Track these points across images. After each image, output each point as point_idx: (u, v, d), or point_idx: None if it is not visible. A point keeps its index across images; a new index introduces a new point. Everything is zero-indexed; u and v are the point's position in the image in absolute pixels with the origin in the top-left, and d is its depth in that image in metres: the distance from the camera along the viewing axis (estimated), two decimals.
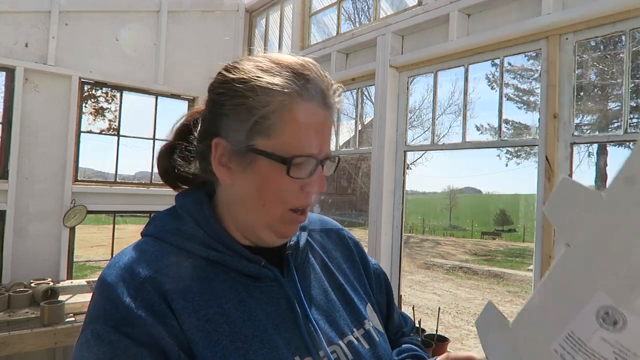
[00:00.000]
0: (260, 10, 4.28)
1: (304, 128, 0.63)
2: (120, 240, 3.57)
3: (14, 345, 2.26)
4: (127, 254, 0.64)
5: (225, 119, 0.64)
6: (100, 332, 0.56)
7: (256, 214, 0.66)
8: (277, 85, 0.62)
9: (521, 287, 11.56)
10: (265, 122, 0.62)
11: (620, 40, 14.75)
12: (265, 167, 0.63)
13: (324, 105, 0.65)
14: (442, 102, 20.32)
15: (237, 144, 0.64)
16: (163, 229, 0.68)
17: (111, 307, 0.57)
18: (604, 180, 21.86)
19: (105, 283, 0.60)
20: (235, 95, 0.63)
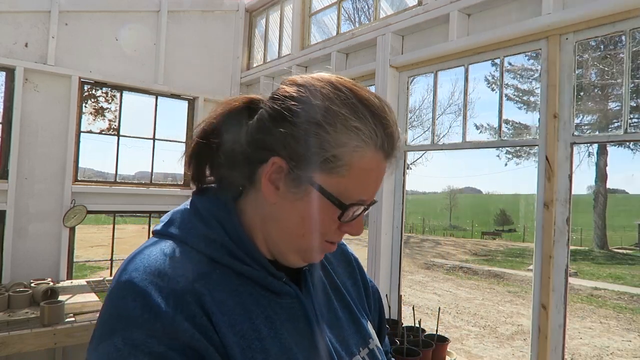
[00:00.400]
0: (260, 10, 4.28)
1: (368, 177, 0.62)
2: (120, 240, 3.57)
3: (14, 345, 2.26)
4: (152, 256, 0.60)
5: (292, 141, 0.60)
6: (137, 342, 0.52)
7: (291, 239, 0.65)
8: (360, 132, 0.60)
9: (521, 287, 11.55)
10: (335, 161, 0.60)
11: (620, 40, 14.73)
12: (318, 202, 0.62)
13: (389, 157, 0.64)
14: (442, 102, 20.34)
15: (297, 170, 0.61)
16: (189, 232, 0.64)
17: (149, 315, 0.53)
18: (604, 180, 21.87)
19: (137, 288, 0.56)
20: (312, 123, 0.59)
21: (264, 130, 0.63)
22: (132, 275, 0.57)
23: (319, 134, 0.59)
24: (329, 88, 0.62)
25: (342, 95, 0.61)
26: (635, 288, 11.63)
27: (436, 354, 2.23)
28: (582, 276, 13.41)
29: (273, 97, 0.65)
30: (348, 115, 0.60)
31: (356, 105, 0.61)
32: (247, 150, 0.64)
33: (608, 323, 8.35)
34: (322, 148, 0.59)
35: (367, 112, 0.61)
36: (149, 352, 0.52)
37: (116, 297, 0.57)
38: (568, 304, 1.92)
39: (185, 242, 0.63)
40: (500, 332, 7.49)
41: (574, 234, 21.97)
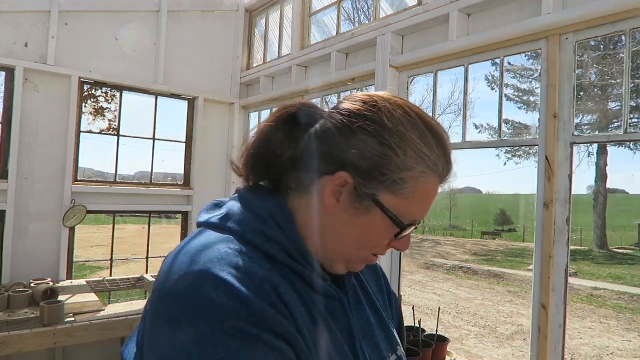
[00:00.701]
0: (260, 10, 4.28)
1: (426, 200, 0.67)
2: (120, 240, 3.57)
3: (14, 345, 2.26)
4: (222, 249, 0.61)
5: (361, 159, 0.63)
6: (226, 328, 0.53)
7: (344, 249, 0.68)
8: (427, 158, 0.64)
9: (521, 287, 11.55)
10: (401, 184, 0.63)
11: (620, 40, 14.72)
12: (379, 220, 0.65)
13: (443, 183, 0.69)
14: (442, 102, 20.36)
15: (362, 187, 0.63)
16: (247, 228, 0.65)
17: (235, 302, 0.54)
18: (604, 180, 21.87)
19: (216, 277, 0.56)
20: (384, 144, 0.62)
21: (331, 143, 0.64)
22: (207, 266, 0.57)
23: (389, 156, 0.62)
24: (400, 112, 0.64)
25: (413, 121, 0.64)
26: (635, 288, 11.63)
27: (436, 354, 2.23)
28: (582, 276, 13.41)
29: (340, 112, 0.66)
30: (418, 141, 0.63)
31: (424, 132, 0.64)
32: (309, 159, 0.66)
33: (608, 323, 8.35)
34: (391, 170, 0.62)
35: (433, 140, 0.65)
36: (239, 336, 0.53)
37: (192, 286, 0.56)
38: (568, 304, 1.92)
39: (244, 238, 0.64)
40: (500, 332, 7.49)
41: (574, 234, 21.96)
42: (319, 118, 0.68)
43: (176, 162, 4.17)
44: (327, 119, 0.67)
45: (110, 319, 2.57)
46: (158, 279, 0.63)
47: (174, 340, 0.54)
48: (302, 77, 3.61)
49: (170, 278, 0.59)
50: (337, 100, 3.54)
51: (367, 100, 0.66)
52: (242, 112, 4.34)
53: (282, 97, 3.77)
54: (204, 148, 4.09)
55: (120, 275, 3.75)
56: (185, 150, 4.08)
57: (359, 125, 0.63)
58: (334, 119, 0.66)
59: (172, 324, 0.55)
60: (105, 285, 3.50)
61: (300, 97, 3.61)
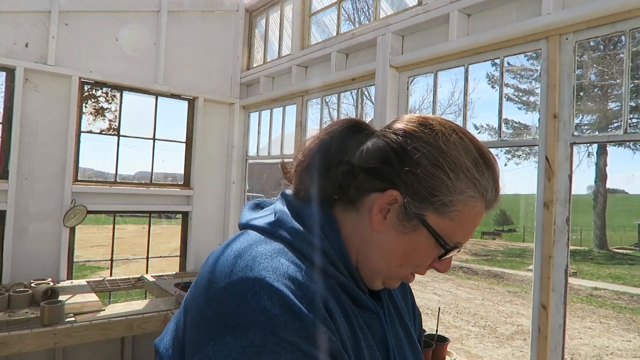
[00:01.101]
0: (260, 10, 4.28)
1: (472, 224, 0.68)
2: (120, 240, 3.57)
3: (14, 345, 2.26)
4: (275, 258, 0.61)
5: (413, 179, 0.64)
6: (279, 339, 0.53)
7: (386, 266, 0.69)
8: (478, 183, 0.65)
9: (521, 287, 11.55)
10: (450, 206, 0.64)
11: (620, 40, 14.70)
12: (424, 240, 0.66)
13: (488, 210, 0.69)
14: (442, 102, 20.35)
15: (411, 207, 0.65)
16: (297, 238, 0.66)
17: (288, 315, 0.54)
18: (603, 180, 21.87)
19: (271, 287, 0.56)
20: (437, 166, 0.64)
21: (384, 161, 0.66)
22: (263, 274, 0.57)
23: (441, 178, 0.64)
24: (455, 136, 0.66)
25: (466, 146, 0.66)
26: (635, 288, 11.64)
27: (436, 354, 2.23)
28: (582, 276, 13.41)
29: (395, 132, 0.68)
30: (470, 167, 0.65)
31: (477, 159, 0.66)
32: (359, 174, 0.67)
33: (608, 323, 8.35)
34: (441, 192, 0.64)
35: (484, 167, 0.67)
36: (290, 349, 0.53)
37: (246, 293, 0.56)
38: (568, 304, 1.92)
39: (293, 247, 0.65)
40: (500, 332, 7.49)
41: (573, 234, 21.96)
42: (370, 135, 0.70)
43: (176, 162, 4.17)
44: (380, 137, 0.68)
45: (110, 319, 2.57)
46: (203, 277, 0.63)
47: (223, 344, 0.54)
48: (302, 77, 3.61)
49: (220, 280, 0.59)
50: (337, 100, 3.53)
51: (423, 122, 0.67)
52: (242, 112, 4.34)
53: (282, 97, 3.77)
54: (204, 148, 4.09)
55: (120, 275, 3.75)
56: (185, 150, 4.08)
57: (414, 146, 0.65)
58: (387, 137, 0.67)
59: (221, 327, 0.55)
60: (105, 285, 3.50)
61: (300, 97, 3.61)
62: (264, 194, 26.96)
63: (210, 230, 4.17)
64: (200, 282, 0.63)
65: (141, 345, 3.42)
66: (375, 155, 0.67)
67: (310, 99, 3.59)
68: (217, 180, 4.23)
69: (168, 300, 3.01)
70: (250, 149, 4.34)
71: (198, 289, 0.62)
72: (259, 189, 27.17)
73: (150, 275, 3.67)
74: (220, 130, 4.26)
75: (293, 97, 3.67)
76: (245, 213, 0.75)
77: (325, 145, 0.71)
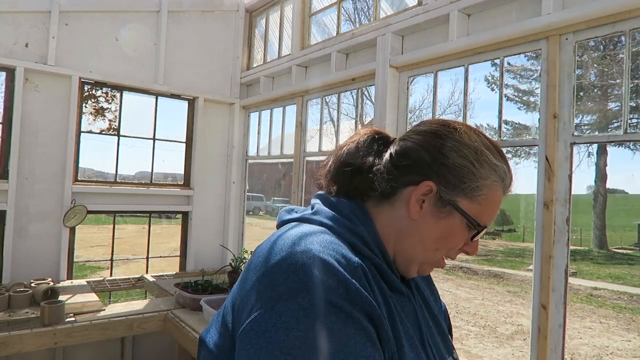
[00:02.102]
0: (260, 10, 4.28)
1: (495, 207, 0.77)
2: (120, 240, 3.57)
3: (14, 345, 2.26)
4: (319, 235, 0.68)
5: (444, 170, 0.73)
6: (326, 302, 0.58)
7: (423, 251, 0.77)
8: (498, 169, 0.76)
9: (521, 287, 11.55)
10: (478, 191, 0.74)
11: (620, 40, 14.71)
12: (458, 223, 0.75)
13: (506, 194, 0.80)
14: (442, 102, 20.34)
15: (444, 194, 0.74)
16: (336, 223, 0.73)
17: (333, 281, 0.60)
18: (603, 180, 21.86)
19: (318, 258, 0.62)
20: (464, 157, 0.74)
21: (416, 158, 0.75)
22: (310, 248, 0.64)
23: (468, 167, 0.73)
24: (473, 133, 0.77)
25: (483, 140, 0.77)
26: (635, 288, 11.63)
27: None
28: (582, 276, 13.41)
29: (419, 133, 0.78)
30: (490, 156, 0.75)
31: (494, 150, 0.77)
32: (393, 171, 0.76)
33: (608, 323, 8.35)
34: (469, 178, 0.73)
35: (499, 156, 0.77)
36: (335, 312, 0.58)
37: (295, 264, 0.62)
38: (568, 304, 1.92)
39: (334, 231, 0.72)
40: (500, 332, 7.49)
41: (573, 234, 21.94)
42: (392, 140, 0.82)
43: (176, 162, 4.17)
44: (407, 139, 0.79)
45: (110, 319, 2.57)
46: (252, 264, 0.69)
47: (273, 310, 0.59)
48: (302, 77, 3.61)
49: (270, 259, 0.65)
50: (337, 100, 3.53)
51: (444, 123, 0.78)
52: (242, 112, 4.34)
53: (282, 97, 3.77)
54: (204, 148, 4.09)
55: (120, 275, 3.75)
56: (185, 150, 4.08)
57: (442, 142, 0.75)
58: (414, 139, 0.78)
59: (272, 296, 0.60)
60: (106, 285, 3.50)
61: (300, 97, 3.61)
62: (264, 194, 26.95)
63: (210, 230, 4.18)
64: (248, 268, 0.70)
65: (141, 345, 3.42)
66: (407, 154, 0.76)
67: (310, 99, 3.59)
68: (217, 180, 4.23)
69: (168, 300, 3.01)
70: (250, 149, 4.34)
71: (247, 274, 0.69)
72: (259, 189, 27.16)
73: (150, 275, 3.67)
74: (220, 130, 4.26)
75: (293, 97, 3.67)
76: (283, 215, 0.83)
77: (352, 152, 0.80)
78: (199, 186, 4.05)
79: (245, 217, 4.38)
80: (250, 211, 23.35)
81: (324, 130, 3.50)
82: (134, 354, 3.39)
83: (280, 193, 26.98)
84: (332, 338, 0.57)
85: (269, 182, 28.22)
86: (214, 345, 0.72)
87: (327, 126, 4.77)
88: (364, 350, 0.58)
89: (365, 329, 0.60)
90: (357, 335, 0.59)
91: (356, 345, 0.58)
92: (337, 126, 3.47)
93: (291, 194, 3.61)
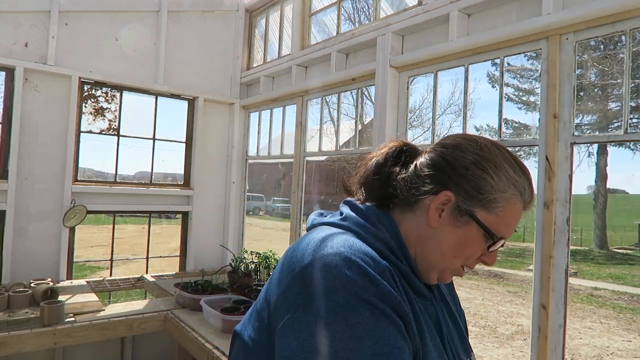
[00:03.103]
0: (260, 10, 4.28)
1: (513, 220, 0.80)
2: (120, 240, 3.57)
3: (14, 345, 2.26)
4: (348, 240, 0.72)
5: (463, 181, 0.77)
6: (359, 299, 0.63)
7: (441, 259, 0.80)
8: (517, 184, 0.78)
9: (521, 287, 11.55)
10: (495, 203, 0.77)
11: (620, 40, 14.71)
12: (474, 233, 0.78)
13: (525, 210, 0.82)
14: (442, 102, 20.29)
15: (462, 204, 0.77)
16: (363, 229, 0.77)
17: (365, 280, 0.65)
18: (604, 180, 21.85)
19: (349, 259, 0.67)
20: (483, 169, 0.77)
21: (438, 169, 0.79)
22: (340, 250, 0.69)
23: (486, 179, 0.77)
24: (494, 147, 0.80)
25: (504, 155, 0.80)
26: (635, 288, 11.63)
27: None
28: (582, 276, 13.40)
29: (444, 146, 0.82)
30: (510, 170, 0.78)
31: (514, 165, 0.80)
32: (416, 180, 0.80)
33: (608, 323, 8.35)
34: (487, 190, 0.77)
35: (520, 172, 0.80)
36: (369, 308, 0.63)
37: (328, 264, 0.67)
38: (568, 304, 1.92)
39: (361, 237, 0.76)
40: (500, 332, 7.49)
41: (574, 234, 21.92)
42: (420, 152, 0.86)
43: (176, 162, 4.17)
44: (432, 151, 0.82)
45: (110, 319, 2.57)
46: (284, 264, 0.74)
47: (310, 308, 0.64)
48: (302, 77, 3.61)
49: (303, 260, 0.70)
50: (337, 100, 3.54)
51: (466, 137, 0.82)
52: (242, 112, 4.34)
53: (282, 97, 3.77)
54: (204, 148, 4.09)
55: (120, 275, 3.75)
56: (185, 150, 4.08)
57: (462, 154, 0.79)
58: (438, 151, 0.81)
59: (308, 296, 0.65)
60: (105, 285, 3.50)
61: (300, 97, 3.61)
62: (264, 194, 26.94)
63: (210, 230, 4.17)
64: (282, 267, 0.74)
65: (141, 346, 3.42)
66: (430, 164, 0.80)
67: (310, 99, 3.59)
68: (217, 180, 4.23)
69: (168, 300, 3.01)
70: (250, 149, 4.33)
71: (280, 274, 0.74)
72: (259, 189, 27.14)
73: (150, 275, 3.67)
74: (220, 130, 4.26)
75: (293, 97, 3.67)
76: (313, 217, 0.87)
77: (380, 163, 0.85)
78: (199, 186, 4.05)
79: (245, 217, 4.38)
80: (250, 211, 23.36)
81: (324, 130, 3.50)
82: (134, 354, 3.39)
83: (280, 193, 26.98)
84: (368, 331, 0.62)
85: (269, 182, 28.22)
86: (249, 338, 0.78)
87: (327, 126, 4.77)
88: (397, 342, 0.64)
89: (396, 323, 0.65)
90: (389, 328, 0.64)
91: (389, 337, 0.63)
92: (337, 126, 3.47)
93: (291, 194, 3.61)
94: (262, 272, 3.25)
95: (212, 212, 4.19)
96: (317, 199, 22.15)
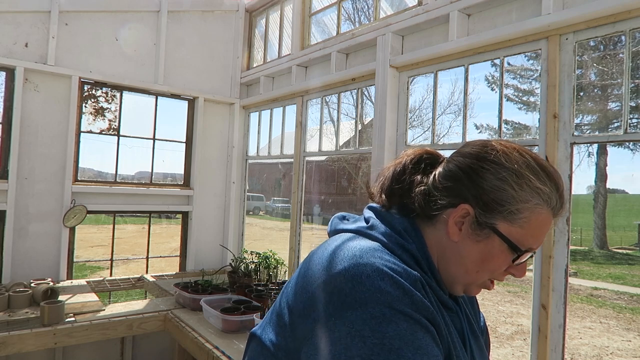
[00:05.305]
0: (260, 10, 4.28)
1: (540, 230, 0.75)
2: (120, 240, 3.58)
3: (14, 345, 2.26)
4: (377, 250, 0.70)
5: (481, 193, 0.73)
6: (396, 310, 0.62)
7: (465, 274, 0.78)
8: (541, 192, 0.73)
9: (521, 287, 11.55)
10: (517, 214, 0.73)
11: (620, 40, 14.71)
12: (497, 246, 0.74)
13: (556, 216, 0.77)
14: (442, 102, 20.29)
15: (482, 217, 0.74)
16: (390, 239, 0.75)
17: (399, 291, 0.64)
18: (603, 180, 21.86)
19: (381, 271, 0.65)
20: (502, 179, 0.73)
21: (455, 180, 0.76)
22: (372, 261, 0.67)
23: (506, 189, 0.72)
24: (516, 153, 0.75)
25: (527, 161, 0.75)
26: (635, 288, 11.63)
27: None
28: (582, 276, 13.40)
29: (462, 155, 0.78)
30: (532, 178, 0.73)
31: (538, 171, 0.74)
32: (434, 193, 0.77)
33: (608, 323, 8.35)
34: (508, 202, 0.72)
35: (546, 177, 0.74)
36: (405, 319, 0.62)
37: (361, 275, 0.65)
38: (568, 304, 1.92)
39: (388, 248, 0.74)
40: (500, 332, 7.49)
41: (573, 234, 21.92)
42: (441, 161, 0.82)
43: (176, 162, 4.17)
44: (450, 161, 0.79)
45: (110, 319, 2.57)
46: (310, 268, 0.72)
47: (344, 318, 0.62)
48: (302, 77, 3.61)
49: (334, 268, 0.68)
50: (337, 100, 3.54)
51: (485, 144, 0.78)
52: (242, 112, 4.34)
53: (283, 97, 3.77)
54: (204, 148, 4.09)
55: (120, 275, 3.75)
56: (185, 150, 4.08)
57: (480, 165, 0.75)
58: (456, 161, 0.78)
59: (340, 305, 0.64)
60: (105, 285, 3.50)
61: (300, 97, 3.61)
62: (264, 194, 26.94)
63: (210, 230, 4.17)
64: (306, 272, 0.72)
65: (141, 345, 3.42)
66: (448, 176, 0.77)
67: (310, 99, 3.59)
68: (217, 180, 4.23)
69: (168, 300, 3.01)
70: (250, 149, 4.34)
71: (306, 278, 0.71)
72: (259, 189, 27.15)
73: (150, 275, 3.67)
74: (220, 130, 4.26)
75: (293, 97, 3.67)
76: (336, 222, 0.86)
77: (399, 171, 0.83)
78: (198, 186, 4.05)
79: (245, 217, 4.39)
80: (250, 211, 23.35)
81: (324, 130, 3.50)
82: (134, 354, 3.39)
83: (280, 193, 26.97)
84: (407, 342, 0.61)
85: (269, 182, 28.22)
86: (270, 342, 0.76)
87: (327, 126, 4.77)
88: (434, 351, 0.64)
89: (432, 332, 0.65)
90: (426, 338, 0.63)
91: (427, 347, 0.63)
92: (337, 126, 3.48)
93: (291, 194, 3.61)
94: (262, 272, 3.25)
95: (212, 212, 4.19)
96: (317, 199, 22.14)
